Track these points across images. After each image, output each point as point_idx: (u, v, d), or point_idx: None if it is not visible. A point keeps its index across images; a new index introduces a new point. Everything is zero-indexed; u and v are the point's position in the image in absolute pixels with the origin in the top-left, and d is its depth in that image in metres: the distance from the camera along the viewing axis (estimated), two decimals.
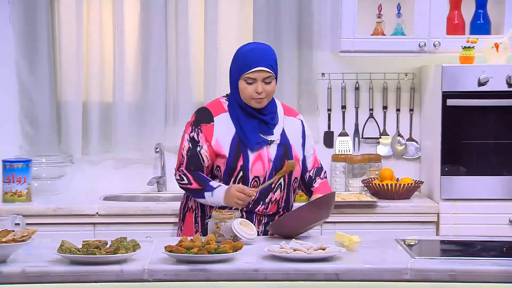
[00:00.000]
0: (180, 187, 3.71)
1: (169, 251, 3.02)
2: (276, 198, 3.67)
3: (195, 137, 3.67)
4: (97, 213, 4.50)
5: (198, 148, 3.65)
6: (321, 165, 3.85)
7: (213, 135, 3.65)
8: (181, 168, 3.68)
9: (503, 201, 4.59)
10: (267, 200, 3.65)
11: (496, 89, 4.56)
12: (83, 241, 3.08)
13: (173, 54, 5.00)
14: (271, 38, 4.96)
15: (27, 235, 3.03)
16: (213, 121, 3.67)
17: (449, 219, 4.58)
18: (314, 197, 3.71)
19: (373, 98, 5.11)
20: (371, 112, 5.12)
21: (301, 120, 3.81)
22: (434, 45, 4.75)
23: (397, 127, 5.12)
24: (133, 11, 5.01)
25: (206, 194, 3.61)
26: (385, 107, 5.12)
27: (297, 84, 5.02)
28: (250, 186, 3.63)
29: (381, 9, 4.94)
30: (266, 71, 3.59)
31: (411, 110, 5.11)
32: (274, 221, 3.52)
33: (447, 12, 4.86)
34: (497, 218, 4.57)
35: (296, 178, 3.74)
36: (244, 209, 3.62)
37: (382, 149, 5.12)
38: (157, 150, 5.00)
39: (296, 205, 4.36)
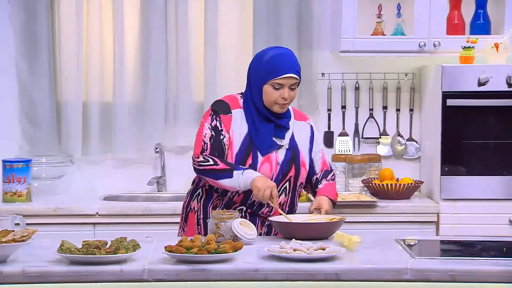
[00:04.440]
0: (202, 169, 3.56)
1: (169, 251, 3.02)
2: (280, 202, 3.66)
3: (218, 125, 3.62)
4: (97, 213, 4.50)
5: (221, 137, 3.60)
6: (330, 168, 3.84)
7: (230, 126, 3.65)
8: (205, 153, 3.59)
9: (503, 201, 4.59)
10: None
11: (496, 89, 4.56)
12: (83, 241, 3.08)
13: (173, 54, 5.00)
14: (271, 38, 4.97)
15: (27, 235, 3.03)
16: (231, 113, 3.65)
17: (449, 219, 4.58)
18: (319, 200, 3.70)
19: (373, 98, 5.11)
20: (371, 112, 5.12)
21: (311, 125, 3.81)
22: (434, 45, 4.75)
23: (397, 127, 5.12)
24: (133, 11, 5.01)
25: (236, 172, 3.50)
26: (385, 107, 5.12)
27: None
28: None
29: (381, 9, 4.94)
30: (294, 77, 3.59)
31: (411, 110, 5.11)
32: (282, 222, 3.49)
33: (447, 12, 4.86)
34: (497, 218, 4.57)
35: (301, 183, 3.73)
36: (249, 210, 3.62)
37: (382, 149, 5.12)
38: (157, 150, 5.00)
39: (299, 205, 4.36)
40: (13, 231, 3.08)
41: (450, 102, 4.57)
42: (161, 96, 5.01)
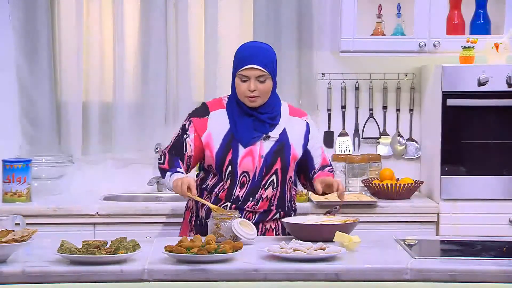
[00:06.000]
0: (158, 167, 3.78)
1: (169, 251, 3.02)
2: (267, 196, 3.67)
3: (186, 126, 3.76)
4: (97, 213, 4.50)
5: (185, 136, 3.73)
6: (330, 164, 3.85)
7: (206, 128, 3.70)
8: (164, 150, 3.78)
9: (503, 201, 4.59)
10: (256, 196, 3.65)
11: (496, 89, 4.56)
12: (83, 241, 3.08)
13: (173, 54, 5.00)
14: (271, 38, 4.96)
15: (27, 235, 3.03)
16: (208, 115, 3.72)
17: (449, 219, 4.58)
18: (318, 182, 3.69)
19: (373, 98, 5.11)
20: (371, 112, 5.12)
21: (307, 122, 3.81)
22: (434, 45, 4.75)
23: (397, 127, 5.12)
24: (133, 11, 5.01)
25: (167, 173, 3.68)
26: (385, 107, 5.12)
27: (297, 84, 5.02)
28: (238, 181, 3.63)
29: (381, 9, 4.94)
30: (259, 69, 3.61)
31: (411, 110, 5.11)
32: (295, 223, 3.48)
33: (447, 12, 4.86)
34: (497, 218, 4.57)
35: (291, 176, 3.74)
36: (233, 206, 3.63)
37: (382, 149, 5.12)
38: (157, 150, 5.00)
39: (298, 205, 4.35)
40: (13, 231, 3.09)
41: (450, 102, 4.57)
42: (161, 96, 5.01)
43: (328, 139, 5.10)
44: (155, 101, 5.01)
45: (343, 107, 5.11)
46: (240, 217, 3.50)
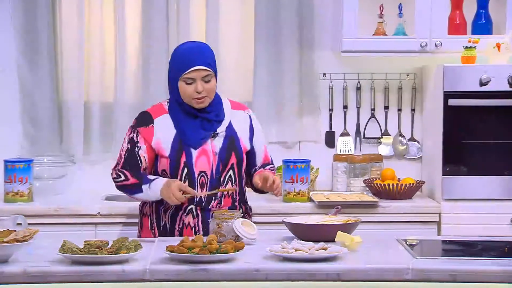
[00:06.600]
0: (117, 186, 3.72)
1: (171, 251, 3.03)
2: (228, 192, 3.66)
3: (134, 138, 3.69)
4: (98, 213, 4.50)
5: (136, 149, 3.67)
6: (272, 162, 3.85)
7: (153, 137, 3.66)
8: (117, 167, 3.70)
9: (505, 201, 4.59)
10: (219, 194, 3.64)
11: (498, 89, 4.56)
12: (85, 241, 3.08)
13: None
14: (272, 39, 4.97)
15: (28, 235, 3.03)
16: (152, 123, 3.68)
17: (451, 219, 4.58)
18: (257, 177, 3.68)
19: (374, 98, 5.11)
20: (372, 112, 5.12)
21: (249, 115, 3.82)
22: (436, 45, 4.75)
23: (399, 127, 5.12)
24: (134, 11, 5.01)
25: (144, 186, 3.61)
26: (386, 107, 5.12)
27: (298, 84, 5.02)
28: (197, 182, 3.63)
29: (383, 9, 4.94)
30: (204, 69, 3.60)
31: (413, 110, 5.11)
32: (295, 223, 3.48)
33: (448, 12, 4.86)
34: (499, 218, 4.56)
35: (244, 170, 3.74)
36: (198, 207, 3.62)
37: (384, 149, 5.12)
38: None
39: (300, 205, 4.36)
40: (15, 231, 3.09)
41: (452, 102, 4.57)
42: (162, 97, 4.99)
43: (330, 139, 5.10)
44: (156, 101, 4.97)
45: (345, 107, 5.10)
46: (194, 215, 3.51)
